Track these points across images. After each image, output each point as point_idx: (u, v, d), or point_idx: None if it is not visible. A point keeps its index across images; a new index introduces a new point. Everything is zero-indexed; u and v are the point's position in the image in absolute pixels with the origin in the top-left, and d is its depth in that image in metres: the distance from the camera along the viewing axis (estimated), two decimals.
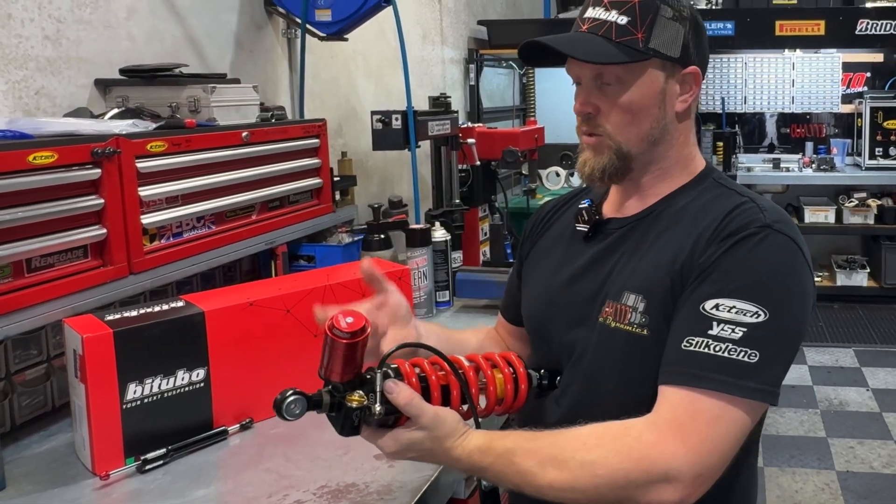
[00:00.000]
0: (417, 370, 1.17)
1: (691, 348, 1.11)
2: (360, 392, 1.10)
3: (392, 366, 1.15)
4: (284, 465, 1.49)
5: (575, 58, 1.21)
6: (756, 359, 1.09)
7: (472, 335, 1.52)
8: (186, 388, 1.55)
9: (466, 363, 1.22)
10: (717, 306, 1.11)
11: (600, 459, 1.08)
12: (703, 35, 1.28)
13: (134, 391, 1.48)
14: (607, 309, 1.23)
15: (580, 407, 1.25)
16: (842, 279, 6.06)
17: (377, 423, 1.12)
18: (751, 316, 1.10)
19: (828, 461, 3.80)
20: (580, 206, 1.36)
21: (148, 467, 1.46)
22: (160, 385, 1.51)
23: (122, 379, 1.46)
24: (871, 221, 6.01)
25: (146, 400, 1.49)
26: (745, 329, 1.09)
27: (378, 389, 1.10)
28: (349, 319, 1.07)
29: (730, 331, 1.10)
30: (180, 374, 1.54)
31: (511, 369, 1.25)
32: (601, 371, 1.24)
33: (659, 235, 1.24)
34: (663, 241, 1.23)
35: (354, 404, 1.09)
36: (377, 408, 1.09)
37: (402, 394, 1.11)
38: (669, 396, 1.11)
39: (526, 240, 1.49)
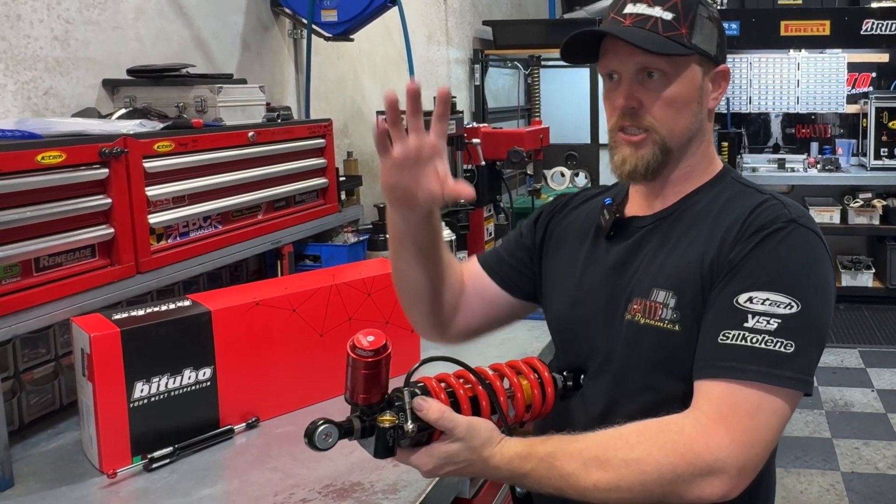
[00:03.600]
0: (444, 385, 1.16)
1: (728, 341, 1.12)
2: (391, 412, 1.09)
3: (418, 384, 1.14)
4: (290, 464, 1.49)
5: (635, 45, 1.20)
6: (792, 349, 1.10)
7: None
8: (193, 387, 1.56)
9: (491, 372, 1.21)
10: (750, 299, 1.13)
11: (645, 456, 1.08)
12: (725, 38, 1.31)
13: (141, 390, 1.48)
14: (635, 306, 1.23)
15: (609, 405, 1.25)
16: (847, 280, 6.05)
17: (411, 441, 1.10)
18: (784, 307, 1.12)
19: (833, 462, 3.80)
20: (604, 204, 1.35)
21: (155, 466, 1.47)
22: (167, 384, 1.52)
23: (129, 378, 1.47)
24: (876, 222, 6.00)
25: (153, 399, 1.50)
26: (779, 320, 1.11)
27: (408, 408, 1.08)
28: (370, 338, 1.05)
29: (765, 322, 1.11)
30: (187, 373, 1.55)
31: (536, 374, 1.25)
32: (631, 368, 1.24)
33: (684, 234, 1.25)
34: (689, 239, 1.24)
35: (386, 424, 1.07)
36: (409, 426, 1.08)
37: (433, 409, 1.09)
38: (709, 390, 1.12)
39: (539, 222, 1.46)
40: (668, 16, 1.22)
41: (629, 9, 1.24)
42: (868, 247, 6.41)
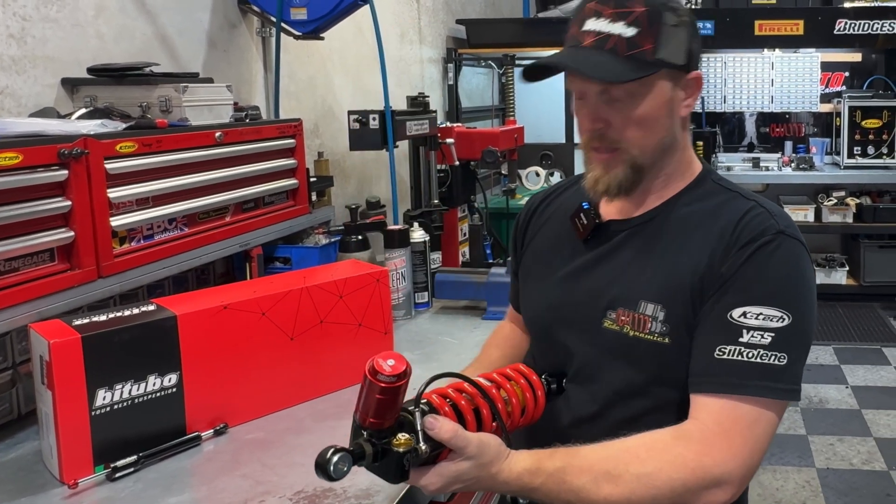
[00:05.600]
0: (447, 400, 1.15)
1: (725, 356, 1.14)
2: (405, 434, 1.06)
3: (422, 401, 1.12)
4: (260, 470, 1.46)
5: (590, 77, 1.17)
6: (785, 361, 1.14)
7: (494, 349, 1.51)
8: (158, 394, 1.52)
9: (486, 382, 1.21)
10: (744, 314, 1.15)
11: (656, 471, 1.10)
12: (698, 37, 1.26)
13: (103, 397, 1.44)
14: (623, 318, 1.24)
15: (600, 410, 1.27)
16: (821, 277, 6.10)
17: (420, 462, 1.08)
18: (777, 321, 1.14)
19: (808, 458, 3.82)
20: (582, 208, 1.34)
21: (118, 475, 1.43)
22: (131, 391, 1.48)
23: (90, 385, 1.42)
24: (849, 220, 6.05)
25: (116, 406, 1.46)
26: (773, 334, 1.14)
27: (419, 428, 1.06)
28: (391, 362, 1.02)
29: (759, 337, 1.14)
30: (151, 379, 1.51)
31: (525, 379, 1.26)
32: (622, 377, 1.25)
33: (669, 243, 1.24)
34: (675, 249, 1.23)
35: (402, 448, 1.04)
36: (423, 446, 1.06)
37: (444, 428, 1.08)
38: (709, 404, 1.15)
39: (518, 236, 1.49)
40: (631, 32, 1.17)
41: (589, 25, 1.19)
42: (842, 244, 6.47)
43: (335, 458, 1.00)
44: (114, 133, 1.68)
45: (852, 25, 5.95)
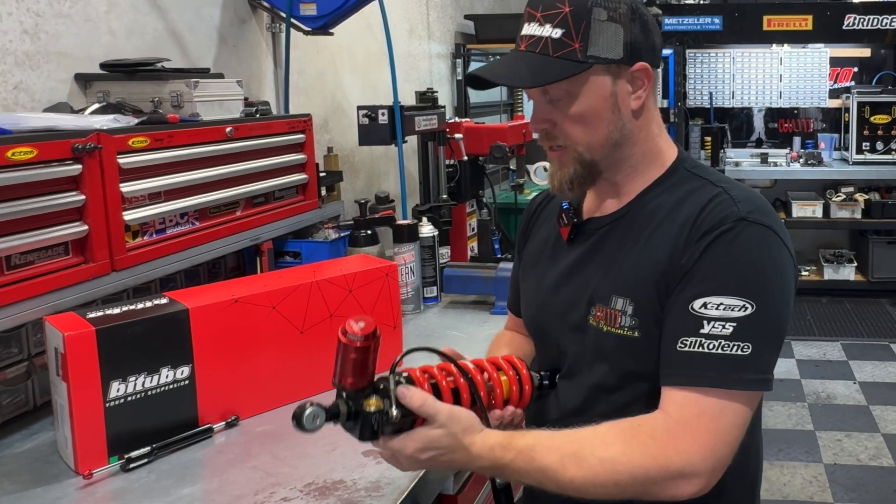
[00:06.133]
0: (427, 376, 1.19)
1: (686, 349, 1.14)
2: (376, 397, 1.12)
3: (403, 374, 1.17)
4: (271, 462, 1.48)
5: (509, 86, 1.22)
6: (749, 350, 1.12)
7: (504, 348, 1.52)
8: (171, 386, 1.53)
9: (472, 367, 1.24)
10: (704, 305, 1.14)
11: (619, 456, 1.11)
12: (648, 26, 1.25)
13: (117, 389, 1.46)
14: (598, 313, 1.25)
15: (583, 405, 1.28)
16: (829, 273, 6.09)
17: (394, 428, 1.13)
18: (738, 310, 1.13)
19: (815, 454, 3.82)
20: (562, 208, 1.37)
21: (132, 466, 1.45)
22: (144, 383, 1.50)
23: (104, 377, 1.44)
24: (858, 216, 6.04)
25: (129, 398, 1.48)
26: (734, 324, 1.13)
27: (392, 394, 1.12)
28: (361, 324, 1.09)
29: (720, 327, 1.13)
30: (164, 371, 1.52)
31: (514, 371, 1.29)
32: (600, 372, 1.27)
33: (638, 236, 1.25)
34: (643, 242, 1.24)
35: (372, 408, 1.11)
36: (394, 411, 1.11)
37: (416, 396, 1.12)
38: (673, 397, 1.15)
39: (521, 237, 1.51)
40: (558, 33, 1.19)
41: (525, 30, 1.23)
42: (850, 240, 6.46)
43: (308, 411, 1.09)
44: (126, 128, 1.69)
45: (861, 20, 5.93)
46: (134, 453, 1.46)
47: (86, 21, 1.93)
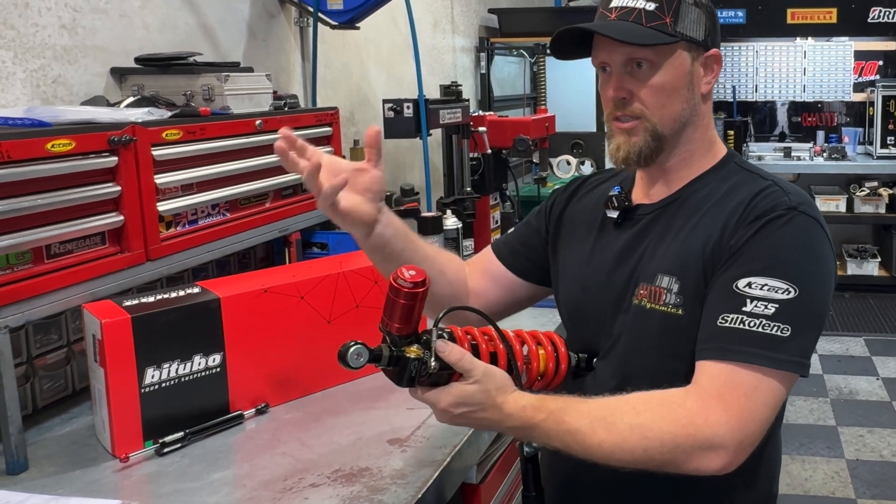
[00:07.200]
0: (469, 336, 1.23)
1: (727, 324, 1.16)
2: (418, 346, 1.16)
3: (446, 329, 1.21)
4: (299, 449, 1.51)
5: (616, 39, 1.24)
6: (788, 333, 1.14)
7: (430, 248, 1.49)
8: (203, 373, 1.57)
9: (511, 335, 1.28)
10: (749, 284, 1.17)
11: (648, 423, 1.13)
12: (717, 22, 1.33)
13: (152, 375, 1.50)
14: (642, 291, 1.28)
15: (619, 385, 1.29)
16: (852, 268, 6.05)
17: (430, 380, 1.17)
18: (782, 293, 1.16)
19: (837, 449, 3.81)
20: (611, 193, 1.39)
21: (166, 450, 1.49)
22: (177, 370, 1.53)
23: (140, 363, 1.48)
24: (882, 210, 5.99)
25: (164, 384, 1.51)
26: (777, 305, 1.15)
27: (433, 346, 1.15)
28: (412, 272, 1.13)
29: (763, 307, 1.15)
30: (197, 359, 1.56)
31: (553, 348, 1.32)
32: (638, 351, 1.29)
33: (687, 220, 1.29)
34: (692, 225, 1.27)
35: (412, 355, 1.15)
36: (432, 362, 1.15)
37: (454, 351, 1.15)
38: (709, 370, 1.16)
39: (553, 209, 1.51)
40: (651, 6, 1.25)
41: (615, 2, 1.28)
42: (874, 235, 6.41)
43: (352, 349, 1.12)
44: (160, 121, 1.73)
45: (887, 13, 5.88)
46: (168, 438, 1.50)
47: (121, 16, 1.97)
